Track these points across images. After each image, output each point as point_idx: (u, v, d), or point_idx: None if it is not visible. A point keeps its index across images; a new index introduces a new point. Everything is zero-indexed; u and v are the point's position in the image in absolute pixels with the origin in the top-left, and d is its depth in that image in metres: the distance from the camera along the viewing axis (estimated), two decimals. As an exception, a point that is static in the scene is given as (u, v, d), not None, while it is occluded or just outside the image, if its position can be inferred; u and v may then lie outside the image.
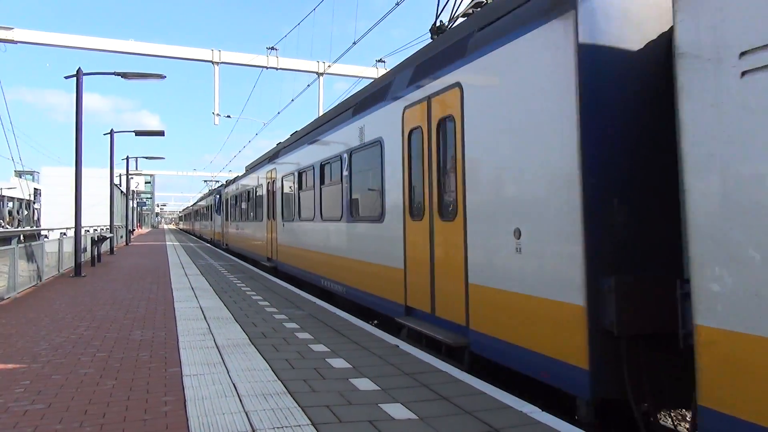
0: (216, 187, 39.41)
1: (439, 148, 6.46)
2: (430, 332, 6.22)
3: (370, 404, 4.30)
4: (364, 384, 4.83)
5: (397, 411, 4.15)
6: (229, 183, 27.95)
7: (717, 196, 3.05)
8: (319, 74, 23.73)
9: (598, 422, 4.51)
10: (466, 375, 5.14)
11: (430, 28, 8.60)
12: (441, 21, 8.40)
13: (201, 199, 52.14)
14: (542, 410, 4.18)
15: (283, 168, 14.98)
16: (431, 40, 8.06)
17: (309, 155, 12.20)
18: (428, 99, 6.67)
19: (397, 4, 14.35)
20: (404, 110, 7.29)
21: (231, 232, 26.49)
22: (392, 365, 5.47)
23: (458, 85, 5.93)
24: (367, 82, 14.73)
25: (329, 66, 23.37)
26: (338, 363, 5.55)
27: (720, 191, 3.03)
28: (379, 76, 10.23)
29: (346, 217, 9.58)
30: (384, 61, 22.17)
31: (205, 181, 55.06)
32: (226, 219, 28.06)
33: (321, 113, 23.94)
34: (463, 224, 5.81)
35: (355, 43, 17.23)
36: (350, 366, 5.44)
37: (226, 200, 28.02)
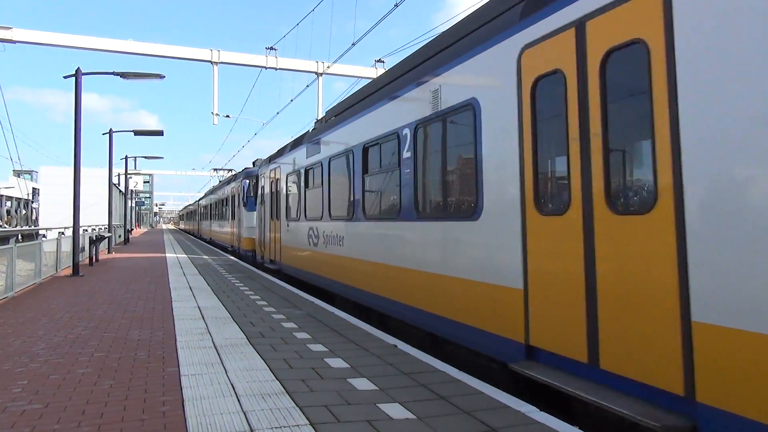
0: (241, 170, 26.00)
1: (609, 96, 4.17)
2: (597, 399, 3.90)
3: (369, 404, 4.30)
4: (362, 384, 4.83)
5: (396, 411, 4.15)
6: (274, 158, 16.28)
7: None
8: (318, 74, 23.72)
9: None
10: (464, 375, 5.14)
11: None
12: None
13: (213, 190, 38.70)
14: (540, 410, 4.18)
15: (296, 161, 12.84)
16: None
17: (347, 136, 9.57)
18: (579, 24, 4.39)
19: (396, 5, 14.36)
20: (522, 52, 5.02)
21: (286, 239, 14.36)
22: (391, 365, 5.46)
23: None
24: (367, 82, 14.52)
25: (328, 66, 23.37)
26: (336, 363, 5.55)
27: None
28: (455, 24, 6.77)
29: (410, 215, 7.09)
30: (383, 61, 22.17)
31: (215, 170, 45.00)
32: (273, 216, 15.95)
33: (320, 113, 23.96)
34: (674, 220, 3.55)
35: (354, 44, 17.23)
36: (348, 366, 5.43)
37: (274, 185, 15.87)
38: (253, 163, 23.52)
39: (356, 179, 8.87)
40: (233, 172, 34.13)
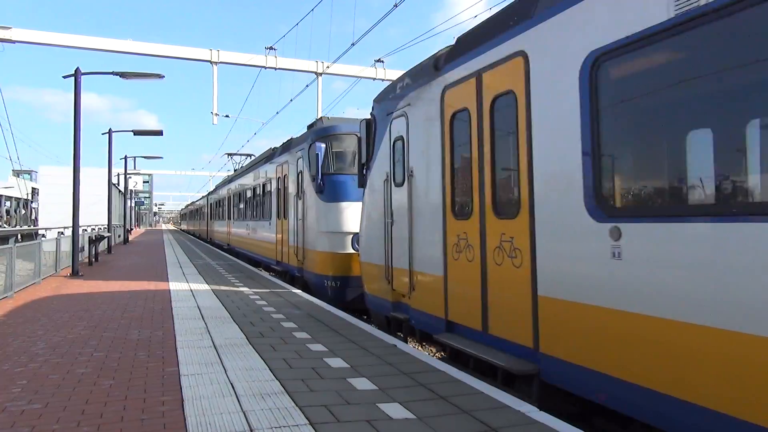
0: (298, 136, 14.62)
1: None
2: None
3: (368, 404, 4.30)
4: (362, 383, 4.83)
5: (396, 410, 4.15)
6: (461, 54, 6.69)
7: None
8: (317, 74, 23.72)
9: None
10: (464, 374, 5.14)
11: None
12: None
13: (233, 178, 27.31)
14: (540, 410, 4.18)
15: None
16: None
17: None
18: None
19: (396, 5, 14.36)
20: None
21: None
22: (390, 365, 5.46)
23: None
24: (366, 82, 14.40)
25: (328, 66, 23.37)
26: (336, 362, 5.55)
27: None
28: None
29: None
30: (383, 61, 22.18)
31: (229, 154, 32.50)
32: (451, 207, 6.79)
33: (320, 113, 23.96)
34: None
35: (353, 44, 17.22)
36: (348, 365, 5.43)
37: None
38: (310, 127, 13.80)
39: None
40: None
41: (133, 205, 54.95)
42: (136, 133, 26.22)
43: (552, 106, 4.62)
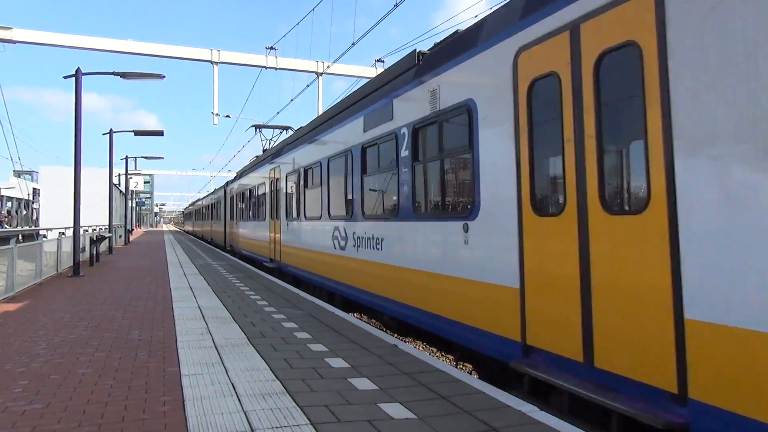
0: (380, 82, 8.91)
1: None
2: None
3: (369, 404, 4.30)
4: (363, 383, 4.83)
5: (396, 410, 4.14)
6: None
7: None
8: (318, 74, 23.73)
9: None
10: (464, 374, 5.14)
11: None
12: None
13: (268, 157, 18.32)
14: (541, 410, 4.18)
15: None
16: None
17: None
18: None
19: (396, 5, 14.36)
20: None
21: None
22: (391, 365, 5.46)
23: None
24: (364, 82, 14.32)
25: (328, 66, 23.38)
26: (337, 362, 5.55)
27: None
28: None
29: None
30: (383, 61, 22.16)
31: (255, 126, 22.35)
32: None
33: (320, 113, 23.96)
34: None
35: (354, 43, 17.22)
36: (349, 365, 5.43)
37: None
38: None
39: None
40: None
41: (134, 205, 54.99)
42: (137, 133, 26.24)
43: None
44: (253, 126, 23.25)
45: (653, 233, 3.77)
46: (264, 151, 22.03)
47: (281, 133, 21.76)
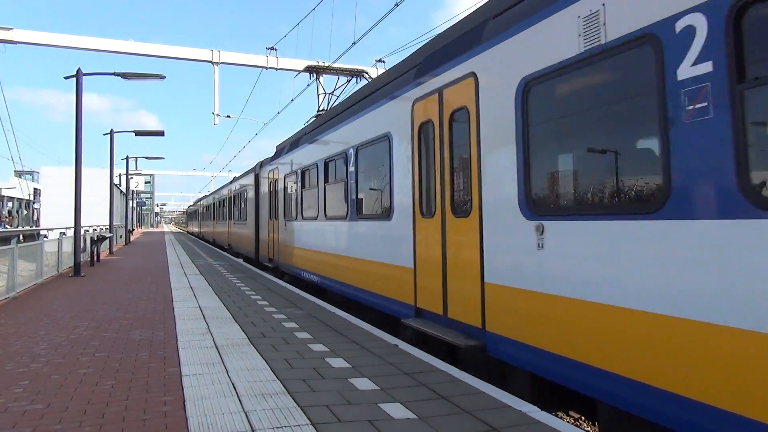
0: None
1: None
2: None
3: (370, 404, 4.30)
4: (363, 384, 4.83)
5: (397, 410, 4.15)
6: None
7: None
8: (318, 74, 23.71)
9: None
10: (465, 375, 5.14)
11: None
12: None
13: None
14: (541, 410, 4.18)
15: None
16: None
17: None
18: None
19: (396, 4, 14.36)
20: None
21: None
22: (391, 365, 5.47)
23: None
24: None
25: (329, 66, 23.35)
26: (337, 362, 5.55)
27: None
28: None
29: None
30: (383, 61, 22.15)
31: (310, 70, 16.70)
32: None
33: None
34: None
35: (354, 43, 17.22)
36: (349, 366, 5.44)
37: None
38: None
39: None
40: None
41: (134, 205, 55.02)
42: (138, 133, 26.26)
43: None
44: (307, 69, 18.13)
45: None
46: (321, 112, 15.34)
47: (348, 81, 15.76)
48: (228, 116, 26.44)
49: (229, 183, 29.68)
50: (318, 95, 18.27)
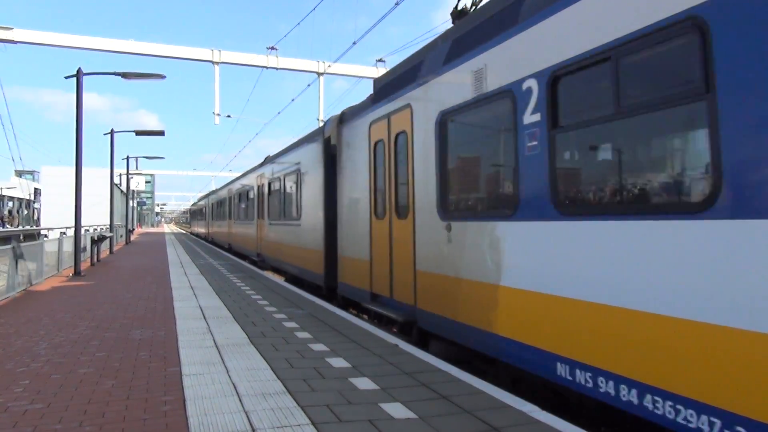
0: None
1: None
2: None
3: (370, 403, 4.30)
4: (363, 383, 4.83)
5: (397, 410, 4.14)
6: None
7: None
8: (319, 74, 23.72)
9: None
10: (466, 374, 5.13)
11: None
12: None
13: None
14: (542, 409, 4.18)
15: None
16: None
17: None
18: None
19: (397, 3, 14.35)
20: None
21: None
22: (392, 364, 5.46)
23: None
24: (368, 81, 14.35)
25: (329, 66, 23.37)
26: (338, 362, 5.55)
27: None
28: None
29: None
30: (384, 61, 22.15)
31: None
32: None
33: (322, 113, 23.95)
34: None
35: (355, 43, 17.24)
36: (350, 365, 5.43)
37: None
38: None
39: None
40: None
41: (135, 205, 55.02)
42: (138, 133, 26.25)
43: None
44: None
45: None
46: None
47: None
48: (228, 116, 26.43)
49: (260, 165, 19.96)
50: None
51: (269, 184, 17.48)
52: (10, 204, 69.54)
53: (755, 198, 3.13)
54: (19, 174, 66.04)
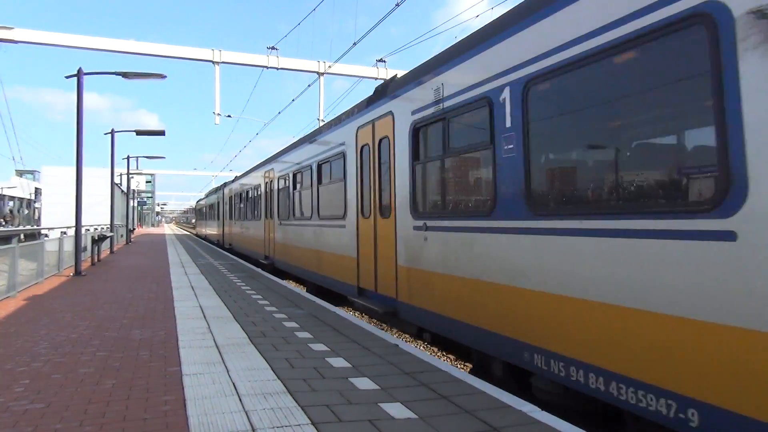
0: None
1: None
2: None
3: (370, 403, 4.30)
4: (363, 383, 4.83)
5: (397, 410, 4.15)
6: None
7: None
8: (319, 74, 23.71)
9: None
10: (466, 374, 5.14)
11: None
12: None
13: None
14: (542, 409, 4.18)
15: None
16: None
17: None
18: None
19: (398, 4, 14.35)
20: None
21: None
22: (392, 364, 5.46)
23: None
24: (369, 81, 14.56)
25: (330, 66, 23.35)
26: (338, 362, 5.55)
27: None
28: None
29: None
30: (384, 61, 22.14)
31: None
32: None
33: (322, 113, 23.95)
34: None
35: (355, 43, 17.23)
36: (350, 365, 5.44)
37: None
38: None
39: None
40: None
41: (135, 205, 55.02)
42: (139, 133, 26.25)
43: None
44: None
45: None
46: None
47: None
48: (229, 116, 26.41)
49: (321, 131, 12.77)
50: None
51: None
52: (11, 204, 69.57)
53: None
54: (20, 174, 66.12)
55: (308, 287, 13.86)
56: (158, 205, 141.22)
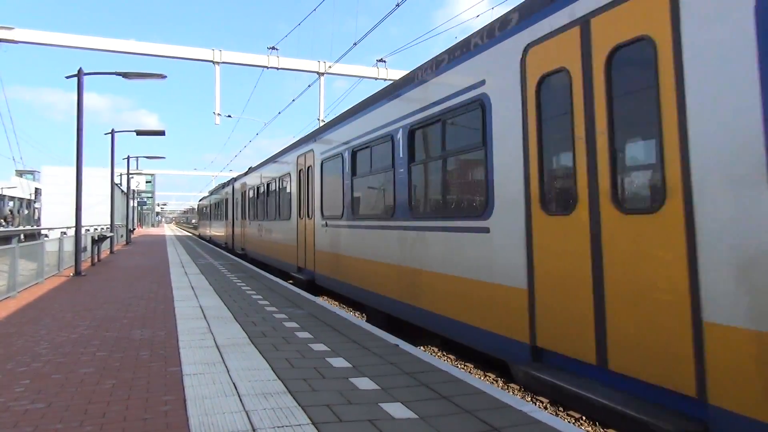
0: None
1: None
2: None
3: (371, 403, 4.30)
4: (364, 383, 4.83)
5: (398, 410, 4.15)
6: None
7: None
8: (320, 74, 23.71)
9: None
10: (466, 374, 5.14)
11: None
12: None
13: None
14: (542, 409, 4.18)
15: None
16: None
17: None
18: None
19: (398, 5, 14.35)
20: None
21: None
22: (392, 364, 5.47)
23: None
24: (368, 81, 15.88)
25: (330, 66, 23.35)
26: (338, 362, 5.55)
27: None
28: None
29: None
30: (385, 61, 22.14)
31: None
32: None
33: (322, 113, 23.96)
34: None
35: (355, 43, 17.23)
36: (350, 365, 5.44)
37: None
38: None
39: None
40: None
41: (135, 205, 55.00)
42: (139, 133, 26.24)
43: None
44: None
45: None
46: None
47: None
48: (229, 116, 26.41)
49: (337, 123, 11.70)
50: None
51: None
52: (11, 204, 69.56)
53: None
54: (20, 174, 66.10)
55: (368, 315, 9.61)
56: (158, 206, 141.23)
